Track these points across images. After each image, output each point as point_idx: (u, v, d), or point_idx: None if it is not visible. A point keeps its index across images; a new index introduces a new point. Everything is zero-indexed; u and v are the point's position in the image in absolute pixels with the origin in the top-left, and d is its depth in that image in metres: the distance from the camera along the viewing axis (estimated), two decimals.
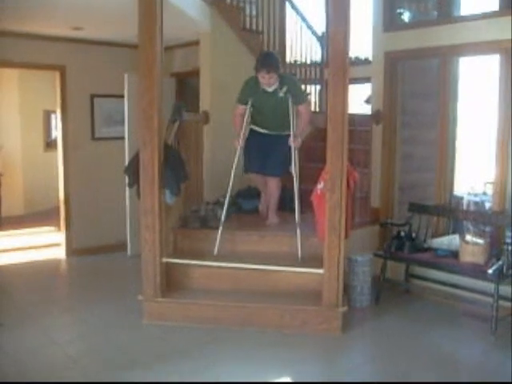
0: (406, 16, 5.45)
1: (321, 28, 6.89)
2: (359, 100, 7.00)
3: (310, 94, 6.73)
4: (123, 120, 6.00)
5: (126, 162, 5.25)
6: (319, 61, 6.78)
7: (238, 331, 4.04)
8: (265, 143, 4.73)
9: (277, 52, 5.83)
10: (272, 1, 6.20)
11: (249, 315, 4.12)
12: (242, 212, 5.20)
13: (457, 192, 5.95)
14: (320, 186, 4.08)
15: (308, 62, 6.78)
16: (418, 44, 4.88)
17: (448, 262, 4.39)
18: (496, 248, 4.28)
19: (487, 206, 6.15)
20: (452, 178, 5.16)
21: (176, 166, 4.27)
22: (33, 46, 5.85)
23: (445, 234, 5.00)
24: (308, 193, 4.29)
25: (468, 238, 4.34)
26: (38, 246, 6.67)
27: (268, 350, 3.78)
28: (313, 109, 6.70)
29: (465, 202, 6.48)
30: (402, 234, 4.73)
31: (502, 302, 4.07)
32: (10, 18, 4.94)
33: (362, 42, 6.34)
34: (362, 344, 4.10)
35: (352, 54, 5.16)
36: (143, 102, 4.07)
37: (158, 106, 4.07)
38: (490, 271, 4.02)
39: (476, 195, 6.72)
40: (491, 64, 4.71)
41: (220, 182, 4.63)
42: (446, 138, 4.93)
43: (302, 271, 4.23)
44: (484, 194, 6.71)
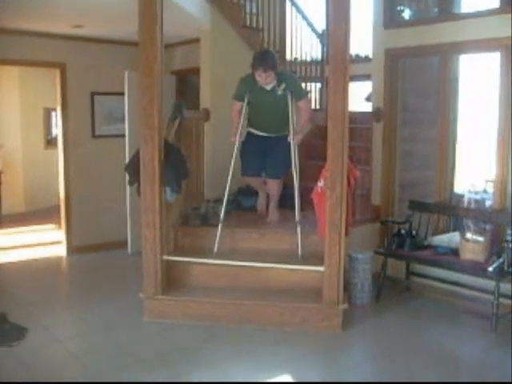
0: (407, 13, 5.44)
1: (321, 25, 6.88)
2: (360, 98, 6.99)
3: (310, 92, 6.72)
4: (123, 118, 5.99)
5: (127, 160, 5.26)
6: (319, 58, 6.77)
7: (237, 329, 4.04)
8: (263, 146, 4.68)
9: (274, 50, 5.83)
10: None
11: (249, 313, 4.13)
12: (242, 209, 5.21)
13: (457, 190, 5.95)
14: (320, 183, 4.08)
15: (308, 59, 6.78)
16: (418, 41, 4.87)
17: (448, 259, 4.39)
18: (496, 246, 4.29)
19: (488, 203, 6.15)
20: (452, 176, 5.16)
21: (176, 164, 4.27)
22: (33, 44, 5.84)
23: (445, 231, 5.00)
24: (308, 190, 4.29)
25: (468, 235, 4.34)
26: (38, 243, 6.67)
27: (268, 347, 3.79)
28: (313, 106, 6.70)
29: (465, 200, 6.47)
30: (403, 231, 4.73)
31: (502, 300, 4.07)
32: (11, 15, 4.94)
33: (362, 39, 6.33)
34: (363, 341, 4.10)
35: (352, 51, 5.15)
36: (143, 100, 4.06)
37: (159, 104, 4.06)
38: (491, 269, 4.03)
39: (476, 193, 6.71)
40: (492, 61, 4.71)
41: (220, 180, 4.63)
42: (446, 135, 4.92)
43: (302, 269, 4.23)
44: (484, 191, 6.71)
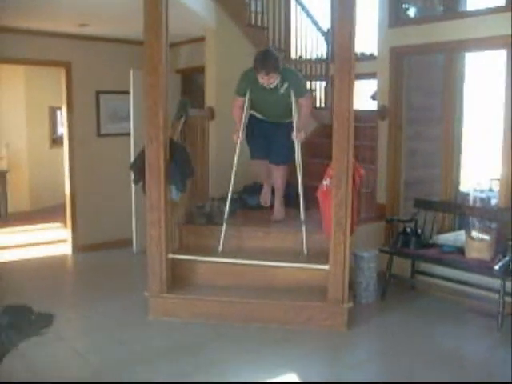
0: (412, 11, 5.43)
1: (326, 24, 6.86)
2: (365, 96, 6.99)
3: (314, 91, 6.71)
4: (129, 116, 6.01)
5: (132, 159, 5.27)
6: (324, 57, 6.76)
7: (242, 327, 4.05)
8: (267, 129, 4.65)
9: (279, 48, 5.82)
10: None
11: (254, 311, 4.13)
12: (247, 208, 5.20)
13: (463, 188, 5.94)
14: (326, 182, 4.08)
15: (313, 58, 6.77)
16: (423, 39, 4.86)
17: (454, 258, 4.38)
18: (502, 244, 4.26)
19: (493, 202, 6.14)
20: (458, 174, 5.15)
21: (182, 162, 4.27)
22: (38, 43, 5.86)
23: (451, 230, 4.99)
24: (313, 189, 4.29)
25: (474, 234, 4.33)
26: (44, 242, 6.70)
27: (273, 346, 3.79)
28: (318, 105, 6.69)
29: (471, 198, 6.47)
30: (408, 230, 4.72)
31: (507, 299, 4.07)
32: (16, 15, 4.96)
33: (367, 37, 6.31)
34: (368, 340, 4.09)
35: (357, 49, 5.12)
36: (149, 99, 4.07)
37: (164, 103, 4.07)
38: (496, 267, 4.02)
39: (482, 191, 6.70)
40: (498, 59, 4.69)
41: (225, 178, 4.63)
42: (451, 133, 4.91)
43: (307, 267, 4.23)
44: (490, 190, 6.69)
